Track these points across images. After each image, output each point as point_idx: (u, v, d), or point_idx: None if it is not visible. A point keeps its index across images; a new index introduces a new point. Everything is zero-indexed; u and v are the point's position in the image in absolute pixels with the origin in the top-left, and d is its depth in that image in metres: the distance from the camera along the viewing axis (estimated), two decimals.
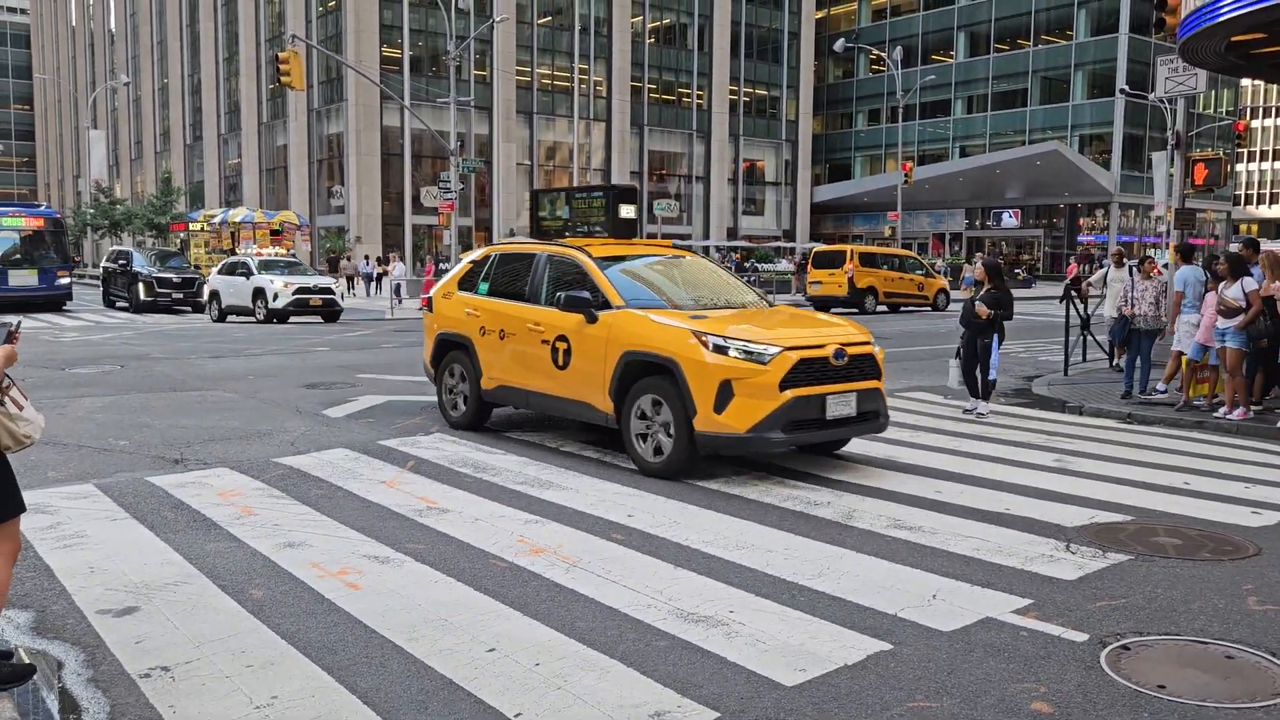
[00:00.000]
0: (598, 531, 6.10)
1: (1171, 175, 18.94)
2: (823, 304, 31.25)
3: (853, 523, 6.38)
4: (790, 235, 69.69)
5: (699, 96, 65.89)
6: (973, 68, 65.67)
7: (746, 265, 45.46)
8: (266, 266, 26.80)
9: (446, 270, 22.15)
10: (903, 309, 32.19)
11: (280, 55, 25.78)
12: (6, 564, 3.76)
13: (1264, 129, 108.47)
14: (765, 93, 69.70)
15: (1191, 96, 16.88)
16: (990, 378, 10.82)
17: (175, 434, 9.24)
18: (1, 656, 3.90)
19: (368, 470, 7.77)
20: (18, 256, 28.76)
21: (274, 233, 38.43)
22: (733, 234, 66.99)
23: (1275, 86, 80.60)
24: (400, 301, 31.59)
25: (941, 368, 13.92)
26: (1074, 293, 15.05)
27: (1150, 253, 42.05)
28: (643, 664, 4.14)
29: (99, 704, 3.77)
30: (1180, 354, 11.64)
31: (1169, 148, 19.10)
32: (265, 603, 4.83)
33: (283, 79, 25.48)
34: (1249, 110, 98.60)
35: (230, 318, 26.57)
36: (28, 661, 4.03)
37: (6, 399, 3.65)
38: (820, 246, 38.87)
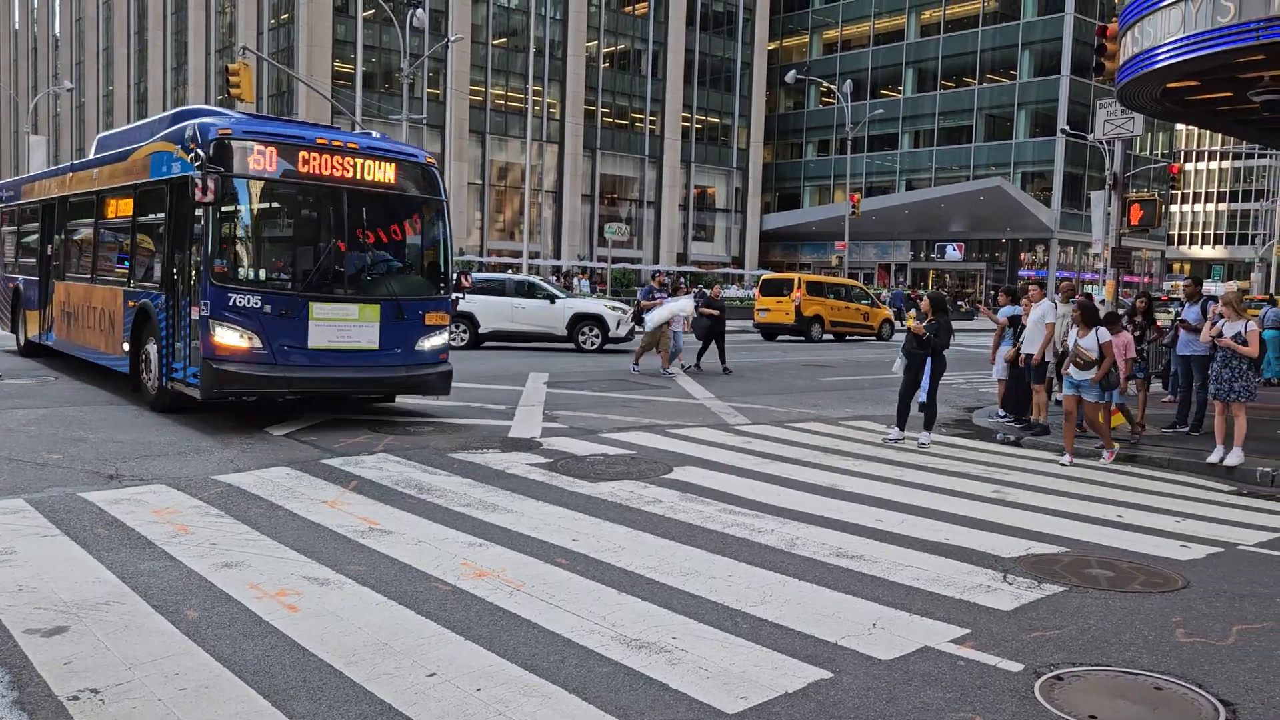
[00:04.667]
0: (542, 555, 6.08)
1: (1109, 214, 19.48)
2: (770, 331, 31.53)
3: (796, 550, 6.43)
4: (740, 262, 70.28)
5: (652, 122, 66.32)
6: (920, 103, 67.06)
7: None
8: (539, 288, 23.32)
9: None
10: (848, 338, 32.56)
11: (230, 66, 25.49)
12: None
13: (1198, 172, 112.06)
14: (717, 120, 70.41)
15: (1129, 139, 17.41)
16: (921, 399, 11.31)
17: (111, 449, 9.03)
18: None
19: (309, 489, 7.67)
20: (344, 277, 10.52)
21: None
22: (682, 259, 67.36)
23: (1209, 132, 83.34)
24: None
25: (886, 397, 14.11)
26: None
27: (1089, 289, 42.85)
28: (585, 690, 4.13)
29: None
30: (1003, 380, 13.05)
31: (1107, 187, 19.66)
32: (200, 624, 4.74)
33: (232, 90, 25.16)
34: (1184, 154, 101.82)
35: (487, 342, 22.56)
36: None
37: None
38: (768, 274, 39.19)
